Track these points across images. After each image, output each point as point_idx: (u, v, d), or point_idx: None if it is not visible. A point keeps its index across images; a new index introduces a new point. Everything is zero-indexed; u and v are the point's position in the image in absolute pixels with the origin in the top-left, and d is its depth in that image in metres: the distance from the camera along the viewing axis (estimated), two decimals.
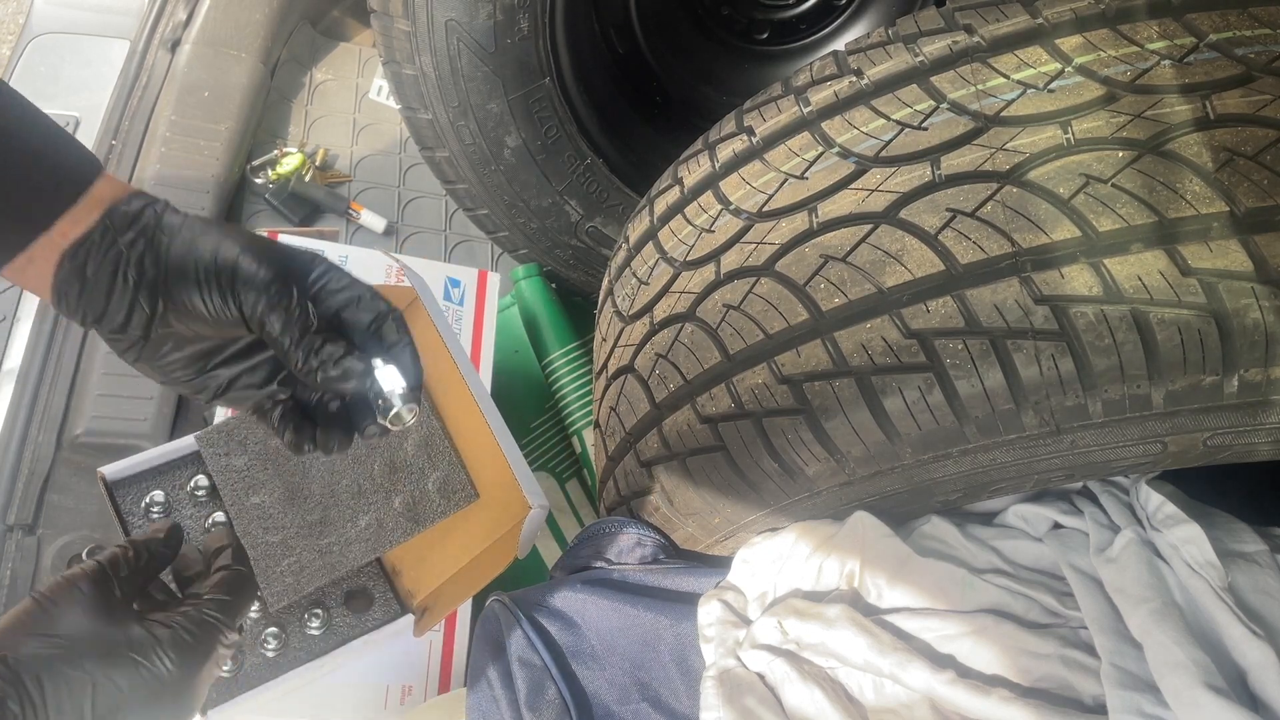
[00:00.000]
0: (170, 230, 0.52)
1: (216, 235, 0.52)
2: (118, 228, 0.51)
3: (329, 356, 0.51)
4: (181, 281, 0.51)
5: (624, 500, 0.75)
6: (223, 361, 0.56)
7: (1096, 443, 0.55)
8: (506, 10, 0.98)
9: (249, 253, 0.51)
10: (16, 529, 0.97)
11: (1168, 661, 0.54)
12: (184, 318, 0.52)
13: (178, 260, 0.51)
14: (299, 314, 0.51)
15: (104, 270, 0.51)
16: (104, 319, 0.52)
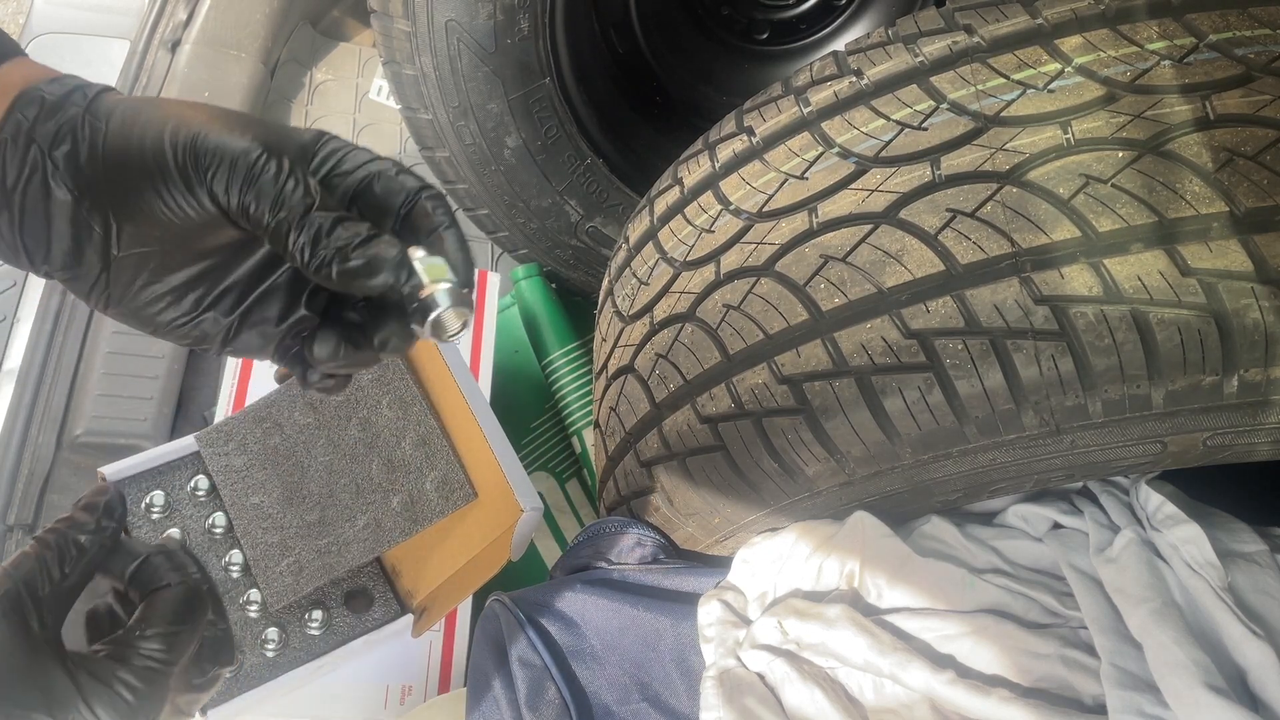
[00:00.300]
0: (104, 114, 0.39)
1: (166, 109, 0.39)
2: (32, 120, 0.38)
3: (346, 239, 0.38)
4: (128, 177, 0.38)
5: (624, 500, 0.75)
6: (224, 293, 0.43)
7: (1096, 443, 0.55)
8: (506, 10, 0.98)
9: (216, 123, 0.38)
10: (16, 529, 0.97)
11: (1168, 661, 0.54)
12: (146, 227, 0.39)
13: (117, 149, 0.38)
14: (293, 186, 0.38)
15: (29, 183, 0.39)
16: (50, 251, 0.40)
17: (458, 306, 0.40)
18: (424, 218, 0.41)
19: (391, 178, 0.41)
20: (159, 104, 0.39)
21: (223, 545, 0.79)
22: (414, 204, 0.41)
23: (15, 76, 0.40)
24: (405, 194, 0.41)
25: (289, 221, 0.38)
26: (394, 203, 0.41)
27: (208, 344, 0.45)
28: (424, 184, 0.42)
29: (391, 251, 0.38)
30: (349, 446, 0.77)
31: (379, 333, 0.42)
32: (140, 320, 0.43)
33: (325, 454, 0.77)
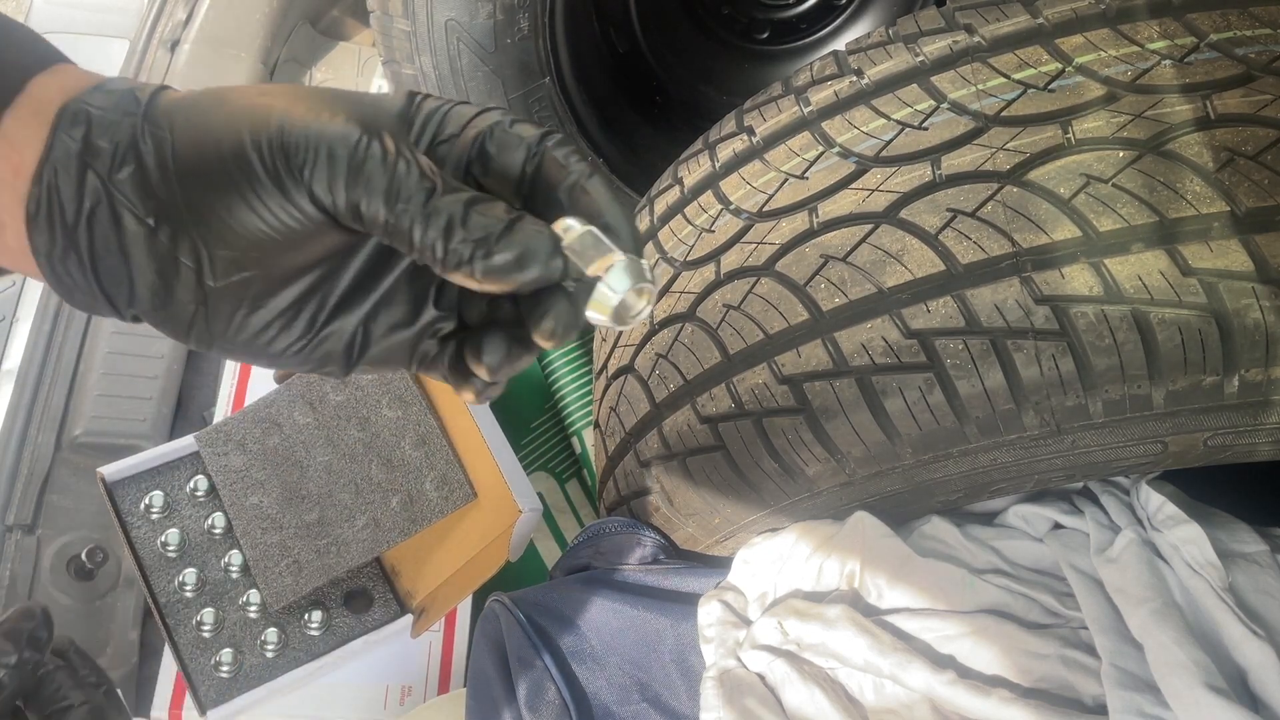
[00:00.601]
0: (164, 122, 0.33)
1: (237, 101, 0.33)
2: (82, 141, 0.32)
3: (484, 229, 0.31)
4: (211, 192, 0.32)
5: (624, 500, 0.75)
6: (339, 305, 0.36)
7: (1097, 443, 0.55)
8: (506, 10, 0.98)
9: (298, 107, 0.32)
10: (16, 529, 0.97)
11: (1168, 662, 0.54)
12: (242, 248, 0.32)
13: (192, 162, 0.32)
14: (405, 169, 0.31)
15: (94, 216, 0.32)
16: (134, 292, 0.33)
17: (638, 284, 0.32)
18: (557, 170, 0.34)
19: (506, 131, 0.34)
20: (226, 97, 0.33)
21: (222, 545, 0.79)
22: (540, 157, 0.34)
23: (52, 90, 0.33)
24: (527, 147, 0.34)
25: (410, 215, 0.31)
26: (515, 160, 0.34)
27: (333, 365, 0.37)
28: (544, 130, 0.35)
29: (542, 239, 0.31)
30: (348, 446, 0.77)
31: (543, 324, 0.33)
32: (252, 353, 0.36)
33: (325, 454, 0.76)
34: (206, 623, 0.75)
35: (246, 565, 0.76)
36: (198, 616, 0.75)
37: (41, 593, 0.93)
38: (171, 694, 0.80)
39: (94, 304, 0.34)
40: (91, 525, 0.97)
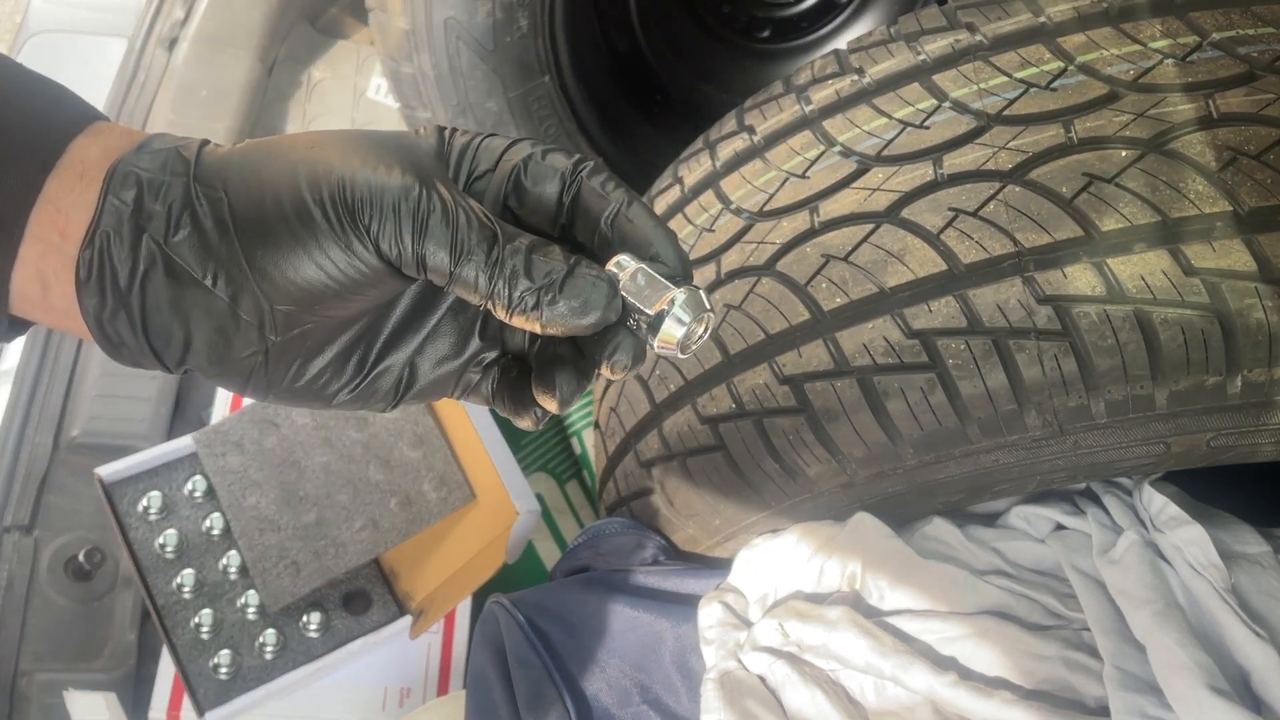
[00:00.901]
0: (216, 180, 0.33)
1: (288, 155, 0.33)
2: (134, 205, 0.33)
3: (544, 278, 0.32)
4: (274, 249, 0.32)
5: (624, 501, 0.74)
6: (387, 345, 0.37)
7: (1099, 444, 0.55)
8: (506, 8, 0.97)
9: (353, 160, 0.32)
10: (14, 530, 0.96)
11: (1170, 663, 0.54)
12: (305, 301, 0.33)
13: (251, 221, 0.32)
14: (466, 221, 0.32)
15: (149, 279, 0.33)
16: (190, 350, 0.34)
17: (700, 314, 0.34)
18: (596, 200, 0.35)
19: (539, 163, 0.35)
20: (276, 150, 0.33)
21: (220, 547, 0.79)
22: (577, 186, 0.35)
23: (94, 152, 0.33)
24: (561, 177, 0.35)
25: (475, 265, 0.32)
26: (551, 191, 0.35)
27: (381, 402, 0.38)
28: (577, 158, 0.36)
29: (601, 287, 0.33)
30: (346, 447, 0.76)
31: (616, 358, 0.35)
32: (306, 399, 0.37)
33: (323, 455, 0.76)
34: (205, 624, 0.75)
35: (245, 566, 0.76)
36: (196, 618, 0.75)
37: (39, 594, 0.93)
38: (170, 695, 0.80)
39: (141, 360, 0.35)
40: (89, 526, 0.97)
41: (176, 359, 0.34)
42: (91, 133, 0.34)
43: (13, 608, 0.92)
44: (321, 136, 0.34)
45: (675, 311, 0.34)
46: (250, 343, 0.34)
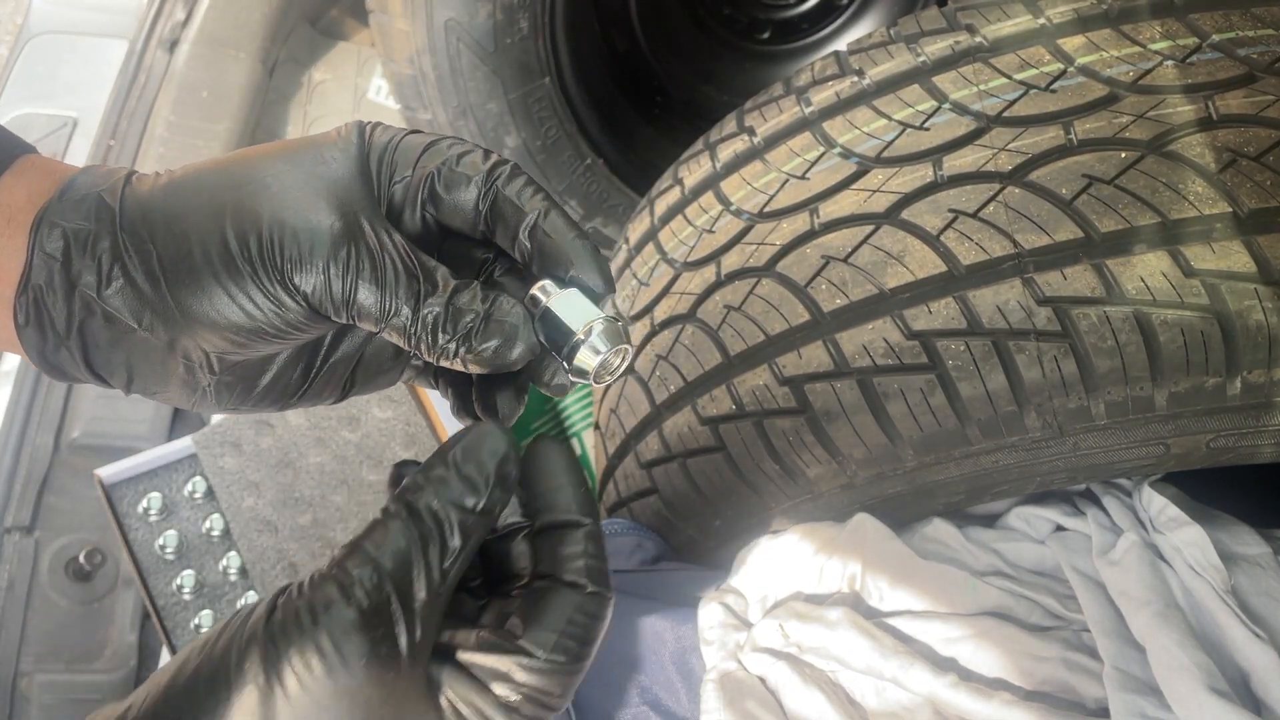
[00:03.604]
0: (144, 228, 0.33)
1: (210, 196, 0.33)
2: (63, 258, 0.33)
3: (467, 325, 0.33)
4: (204, 299, 0.32)
5: (624, 502, 0.74)
6: (331, 346, 0.38)
7: (1099, 445, 0.55)
8: (506, 10, 0.97)
9: (277, 205, 0.32)
10: (14, 531, 0.96)
11: (1170, 665, 0.54)
12: (239, 344, 0.34)
13: (181, 273, 0.33)
14: (396, 274, 0.32)
15: (86, 326, 0.33)
16: (132, 380, 0.35)
17: (616, 346, 0.34)
18: (513, 210, 0.35)
19: (453, 170, 0.35)
20: (201, 190, 0.33)
21: (220, 548, 0.79)
22: (493, 194, 0.35)
23: (19, 196, 0.34)
24: (477, 185, 0.35)
25: (401, 320, 0.33)
26: (468, 198, 0.35)
27: (329, 398, 0.39)
28: (492, 163, 0.35)
29: (515, 328, 0.33)
30: (339, 447, 0.77)
31: (545, 382, 0.36)
32: (255, 410, 0.38)
33: (317, 455, 0.76)
34: (205, 625, 0.75)
35: (244, 568, 0.76)
36: (196, 619, 0.75)
37: (39, 595, 0.93)
38: None
39: (89, 381, 0.36)
40: (90, 527, 0.97)
41: (123, 383, 0.35)
42: (16, 171, 0.34)
43: (13, 609, 0.92)
44: (246, 169, 0.34)
45: (591, 341, 0.34)
46: (190, 379, 0.35)
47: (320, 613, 0.30)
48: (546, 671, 0.32)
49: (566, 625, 0.32)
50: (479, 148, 0.36)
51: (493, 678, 0.32)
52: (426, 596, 0.31)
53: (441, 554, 0.31)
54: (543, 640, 0.32)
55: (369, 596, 0.30)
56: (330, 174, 0.34)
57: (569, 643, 0.32)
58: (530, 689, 0.32)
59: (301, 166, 0.34)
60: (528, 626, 0.33)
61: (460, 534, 0.32)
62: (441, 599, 0.32)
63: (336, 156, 0.35)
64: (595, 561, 0.34)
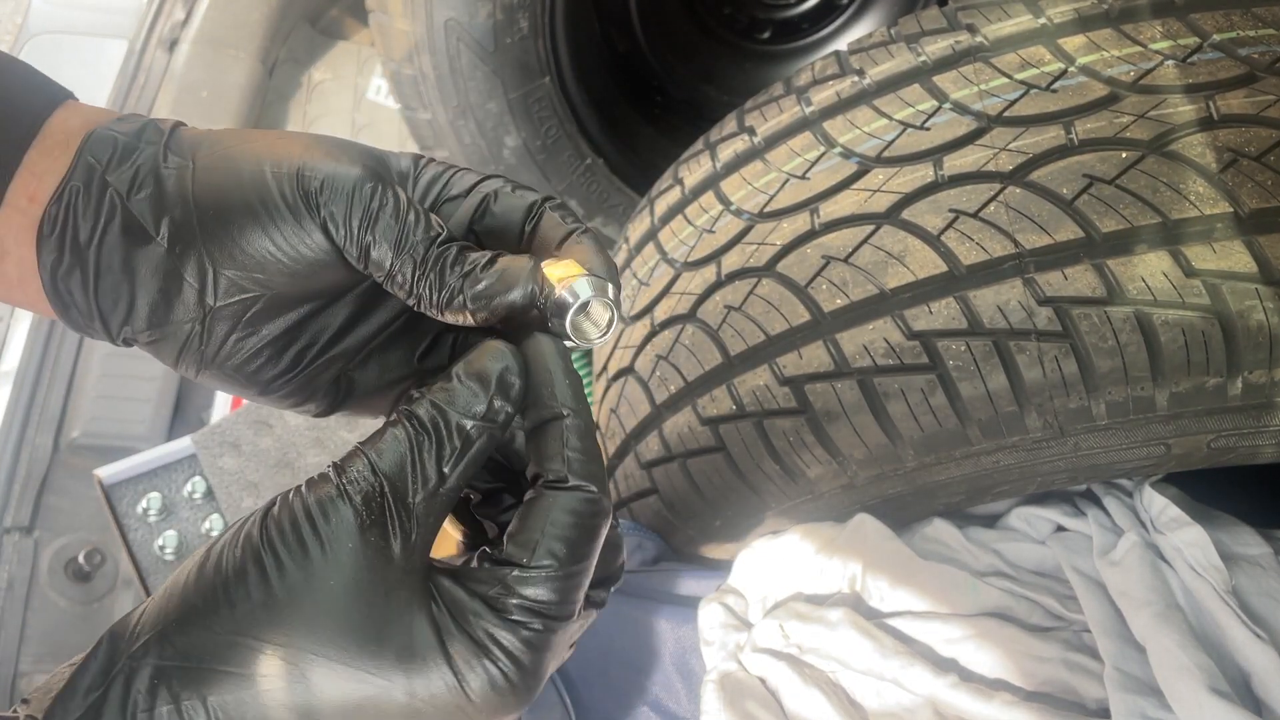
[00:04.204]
0: (186, 151, 0.35)
1: (256, 141, 0.35)
2: (105, 164, 0.34)
3: (473, 263, 0.34)
4: (227, 217, 0.34)
5: (624, 502, 0.74)
6: (329, 344, 0.39)
7: (1100, 445, 0.54)
8: (506, 10, 0.97)
9: (316, 151, 0.34)
10: (14, 531, 0.96)
11: (1171, 665, 0.54)
12: (247, 271, 0.35)
13: (211, 188, 0.34)
14: (414, 220, 0.34)
15: (106, 234, 0.34)
16: (134, 309, 0.35)
17: (599, 298, 0.34)
18: (553, 228, 0.36)
19: (509, 195, 0.37)
20: (246, 136, 0.36)
21: None
22: (539, 217, 0.37)
23: (75, 121, 0.36)
24: (528, 209, 0.37)
25: (413, 260, 0.34)
26: (515, 220, 0.37)
27: (315, 404, 0.40)
28: (546, 195, 0.37)
29: (522, 262, 0.34)
30: (338, 448, 0.76)
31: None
32: (240, 381, 0.38)
33: (315, 455, 0.76)
34: None
35: None
36: None
37: (39, 595, 0.93)
38: None
39: (89, 324, 0.36)
40: (89, 527, 0.97)
41: (120, 321, 0.36)
42: (68, 108, 0.36)
43: (13, 609, 0.92)
44: (288, 132, 0.36)
45: (575, 286, 0.34)
46: (189, 309, 0.35)
47: (315, 508, 0.31)
48: (537, 580, 0.31)
49: (549, 528, 0.32)
50: (531, 188, 0.38)
51: (487, 587, 0.32)
52: (423, 497, 0.32)
53: (439, 456, 0.32)
54: (526, 544, 0.32)
55: (363, 493, 0.31)
56: (378, 155, 0.36)
57: (554, 545, 0.32)
58: (524, 599, 0.31)
59: (354, 144, 0.36)
60: (513, 534, 0.32)
61: (459, 437, 0.32)
62: (440, 502, 0.32)
63: (388, 157, 0.37)
64: (577, 455, 0.33)
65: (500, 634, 0.31)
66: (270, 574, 0.30)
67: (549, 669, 0.33)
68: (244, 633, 0.30)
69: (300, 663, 0.30)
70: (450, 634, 0.31)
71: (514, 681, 0.31)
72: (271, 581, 0.30)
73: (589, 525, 0.33)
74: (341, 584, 0.31)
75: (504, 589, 0.32)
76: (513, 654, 0.31)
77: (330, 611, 0.30)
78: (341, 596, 0.31)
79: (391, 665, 0.31)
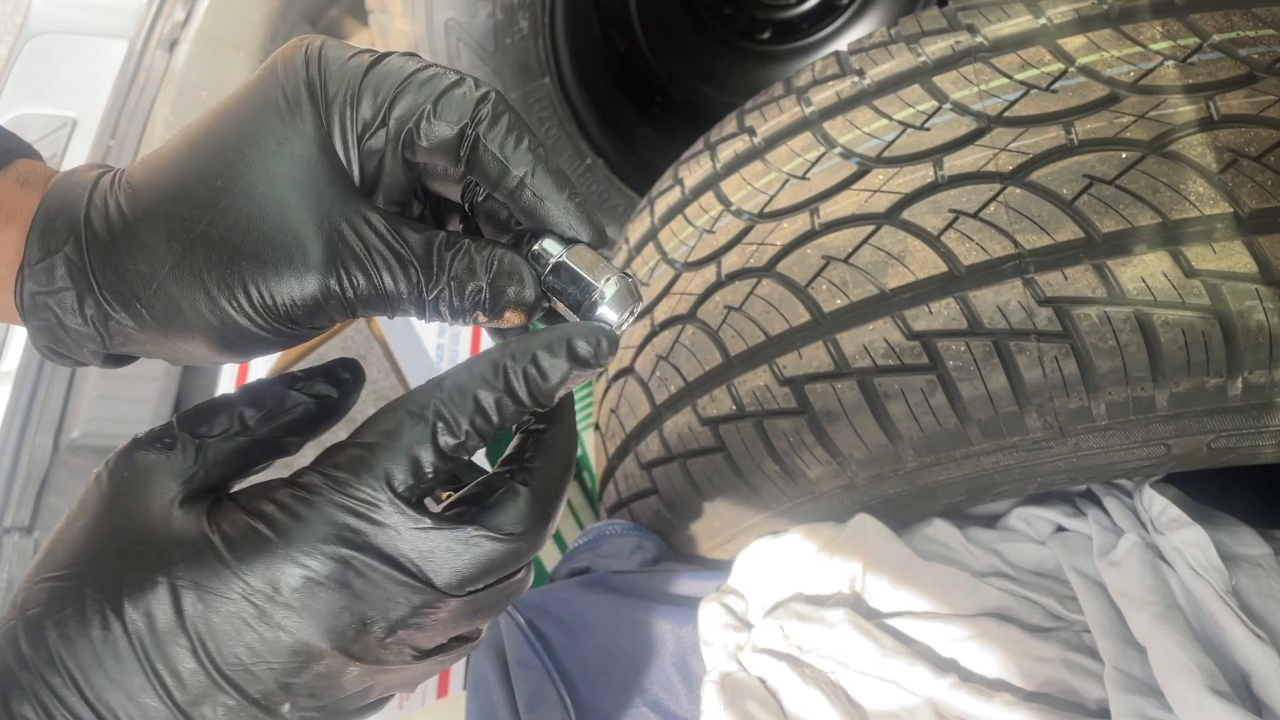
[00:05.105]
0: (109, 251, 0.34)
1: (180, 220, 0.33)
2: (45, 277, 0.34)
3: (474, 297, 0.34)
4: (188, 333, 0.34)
5: (624, 503, 0.74)
6: None
7: (1100, 445, 0.55)
8: (506, 10, 0.97)
9: (243, 231, 0.33)
10: (14, 531, 0.96)
11: (1171, 665, 0.54)
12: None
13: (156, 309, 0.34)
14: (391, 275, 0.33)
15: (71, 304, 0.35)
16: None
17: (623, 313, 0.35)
18: (496, 168, 0.34)
19: (430, 122, 0.34)
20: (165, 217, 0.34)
21: None
22: (473, 142, 0.34)
23: (19, 201, 0.35)
24: (458, 137, 0.34)
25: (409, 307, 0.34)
26: (449, 154, 0.35)
27: None
28: (473, 101, 0.34)
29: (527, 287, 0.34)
30: None
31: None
32: None
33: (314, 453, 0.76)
34: None
35: None
36: None
37: None
38: None
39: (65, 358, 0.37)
40: None
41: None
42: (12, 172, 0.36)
43: None
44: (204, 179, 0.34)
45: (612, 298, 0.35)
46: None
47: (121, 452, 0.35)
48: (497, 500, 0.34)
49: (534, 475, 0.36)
50: (455, 77, 0.35)
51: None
52: (210, 433, 0.35)
53: (242, 413, 0.36)
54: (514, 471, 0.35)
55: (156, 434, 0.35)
56: (292, 165, 0.34)
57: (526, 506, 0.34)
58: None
59: (261, 162, 0.34)
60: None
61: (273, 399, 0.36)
62: (240, 448, 0.35)
63: (291, 136, 0.34)
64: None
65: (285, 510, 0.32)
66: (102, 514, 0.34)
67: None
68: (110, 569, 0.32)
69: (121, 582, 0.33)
70: (217, 517, 0.33)
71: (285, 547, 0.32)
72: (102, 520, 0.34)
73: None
74: (130, 511, 0.34)
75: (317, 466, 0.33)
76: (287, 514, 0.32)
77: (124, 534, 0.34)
78: (129, 522, 0.34)
79: (176, 563, 0.33)
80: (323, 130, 0.35)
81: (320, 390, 0.38)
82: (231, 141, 0.34)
